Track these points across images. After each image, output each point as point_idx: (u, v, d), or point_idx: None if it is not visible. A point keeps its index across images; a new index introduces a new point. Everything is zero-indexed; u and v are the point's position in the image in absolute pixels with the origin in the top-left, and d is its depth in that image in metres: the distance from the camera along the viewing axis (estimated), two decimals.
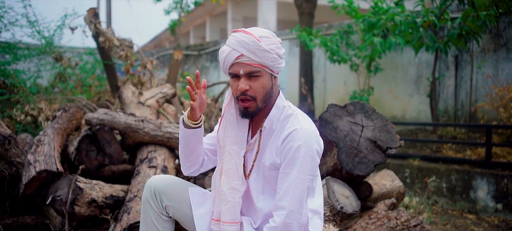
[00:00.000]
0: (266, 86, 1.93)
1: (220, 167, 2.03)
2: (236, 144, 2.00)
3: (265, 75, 1.92)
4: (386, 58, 7.61)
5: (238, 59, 1.88)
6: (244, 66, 1.88)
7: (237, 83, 1.91)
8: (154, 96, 4.11)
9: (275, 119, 1.99)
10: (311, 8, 8.54)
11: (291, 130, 1.90)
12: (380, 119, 2.93)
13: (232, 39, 1.91)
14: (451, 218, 5.43)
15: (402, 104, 7.80)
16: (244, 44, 1.86)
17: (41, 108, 4.76)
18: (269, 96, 1.95)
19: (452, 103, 7.14)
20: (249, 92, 1.90)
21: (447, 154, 6.32)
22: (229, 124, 2.01)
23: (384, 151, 2.83)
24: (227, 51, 1.91)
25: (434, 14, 6.08)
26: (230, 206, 1.95)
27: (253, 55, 1.86)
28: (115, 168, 3.73)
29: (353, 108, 2.94)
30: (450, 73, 7.12)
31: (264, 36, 1.90)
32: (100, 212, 3.01)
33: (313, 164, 1.90)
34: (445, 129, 6.91)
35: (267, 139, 2.00)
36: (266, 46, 1.87)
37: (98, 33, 5.39)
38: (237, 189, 1.97)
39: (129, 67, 5.70)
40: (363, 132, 2.85)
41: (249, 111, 1.94)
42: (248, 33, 1.88)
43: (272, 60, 1.90)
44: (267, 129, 2.00)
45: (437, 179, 5.66)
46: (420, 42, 6.35)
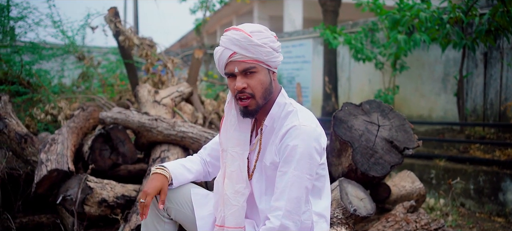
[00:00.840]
0: (264, 82, 1.86)
1: (223, 171, 1.97)
2: (239, 146, 1.94)
3: (261, 70, 1.85)
4: (412, 56, 7.41)
5: (232, 57, 1.83)
6: (238, 64, 1.83)
7: (234, 83, 1.86)
8: (170, 95, 4.08)
9: (276, 116, 1.92)
10: (335, 5, 8.40)
11: (289, 127, 1.83)
12: (398, 118, 2.81)
13: (223, 38, 1.86)
14: (479, 221, 5.23)
15: (428, 103, 7.59)
16: (235, 41, 1.81)
17: (61, 107, 4.79)
18: (268, 93, 1.89)
19: (481, 102, 6.89)
20: (247, 90, 1.84)
21: (475, 154, 6.10)
22: (231, 125, 1.95)
23: (401, 151, 2.71)
24: (220, 51, 1.86)
25: (461, 10, 5.87)
26: (234, 210, 1.88)
27: (246, 52, 1.81)
28: (132, 167, 3.70)
29: (369, 107, 2.83)
30: (479, 71, 6.87)
31: (256, 31, 1.84)
32: (111, 212, 2.98)
33: (311, 162, 1.82)
34: (473, 129, 6.68)
35: (268, 137, 1.93)
36: (258, 41, 1.81)
37: (118, 32, 5.40)
38: (241, 193, 1.91)
39: (150, 66, 5.68)
40: (379, 131, 2.74)
41: (249, 110, 1.87)
42: (239, 30, 1.83)
43: (267, 54, 1.83)
44: (268, 127, 1.93)
45: (462, 181, 5.46)
46: (447, 39, 6.14)
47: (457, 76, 6.69)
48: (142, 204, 1.88)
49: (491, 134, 6.52)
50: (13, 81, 5.26)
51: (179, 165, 2.07)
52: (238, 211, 1.88)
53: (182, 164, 2.08)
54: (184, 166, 2.08)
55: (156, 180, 1.94)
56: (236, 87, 1.84)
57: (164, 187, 1.95)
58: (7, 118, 3.55)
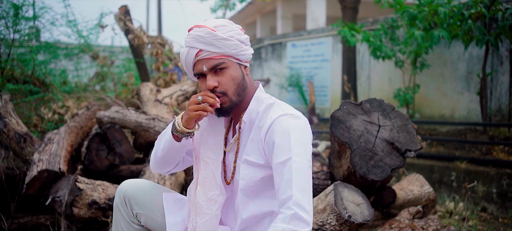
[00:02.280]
0: (236, 77, 1.74)
1: (196, 177, 1.83)
2: (211, 150, 1.80)
3: (231, 66, 1.73)
4: (433, 54, 7.15)
5: (198, 55, 1.71)
6: (206, 61, 1.71)
7: (205, 83, 1.74)
8: (173, 94, 3.98)
9: (254, 111, 1.79)
10: (354, 2, 8.19)
11: (274, 117, 1.70)
12: (400, 118, 2.63)
13: (187, 38, 1.74)
14: (501, 226, 4.97)
15: (450, 102, 7.30)
16: (199, 38, 1.69)
17: (68, 107, 4.76)
18: (242, 88, 1.76)
19: (506, 102, 6.57)
20: (218, 88, 1.72)
21: (498, 156, 5.81)
22: (202, 128, 1.82)
23: (403, 153, 2.54)
24: (186, 52, 1.74)
25: (484, 4, 5.60)
26: (206, 219, 1.75)
27: (212, 47, 1.69)
28: (134, 168, 3.63)
29: (370, 106, 2.66)
30: (504, 69, 6.56)
31: (220, 25, 1.73)
32: (103, 214, 2.89)
33: (307, 148, 1.67)
34: (497, 130, 6.37)
35: (247, 134, 1.79)
36: (223, 35, 1.70)
37: (128, 30, 5.35)
38: (214, 200, 1.77)
39: (160, 65, 5.62)
40: (379, 132, 2.57)
41: (224, 108, 1.74)
42: (202, 26, 1.71)
43: (235, 47, 1.71)
44: (247, 124, 1.80)
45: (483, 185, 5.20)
46: (469, 35, 5.87)
47: (480, 75, 6.40)
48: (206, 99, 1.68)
49: None
50: (26, 81, 5.27)
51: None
52: (210, 220, 1.75)
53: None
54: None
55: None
56: (207, 86, 1.71)
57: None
58: (7, 117, 3.51)
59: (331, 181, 3.07)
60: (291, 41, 10.72)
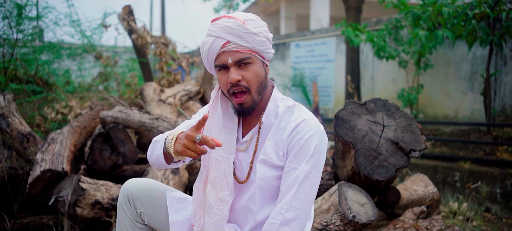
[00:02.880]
0: (260, 75, 1.71)
1: (205, 175, 1.79)
2: (223, 149, 1.75)
3: (256, 62, 1.70)
4: (437, 54, 7.12)
5: (225, 47, 1.65)
6: (232, 54, 1.66)
7: (227, 76, 1.69)
8: (176, 94, 3.97)
9: (273, 112, 1.76)
10: (358, 2, 8.17)
11: (299, 120, 1.69)
12: (404, 118, 2.61)
13: (213, 27, 1.68)
14: (505, 227, 4.94)
15: (454, 102, 7.27)
16: (229, 29, 1.64)
17: (71, 106, 4.76)
18: (263, 87, 1.73)
19: (510, 102, 6.54)
20: (241, 82, 1.67)
21: (502, 156, 5.78)
22: (216, 126, 1.77)
23: (407, 153, 2.52)
24: (210, 42, 1.68)
25: (488, 4, 5.57)
26: (216, 219, 1.71)
27: (241, 40, 1.64)
28: (138, 168, 3.62)
29: (374, 106, 2.64)
30: (508, 69, 6.53)
31: (250, 19, 1.69)
32: (106, 214, 2.89)
33: (322, 159, 1.68)
34: (501, 130, 6.34)
35: (265, 135, 1.77)
36: (253, 29, 1.66)
37: (131, 30, 5.35)
38: (225, 201, 1.73)
39: (163, 65, 5.62)
40: (383, 132, 2.55)
41: (245, 107, 1.71)
42: (232, 17, 1.67)
43: (262, 44, 1.68)
44: (265, 124, 1.77)
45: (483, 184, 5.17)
46: (473, 35, 5.84)
47: (483, 75, 6.37)
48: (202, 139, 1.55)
49: None
50: (29, 81, 5.28)
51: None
52: (220, 220, 1.72)
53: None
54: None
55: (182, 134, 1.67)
56: (230, 79, 1.66)
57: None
58: (10, 117, 3.51)
59: (335, 181, 3.06)
60: (295, 42, 10.71)
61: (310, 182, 1.65)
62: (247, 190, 1.78)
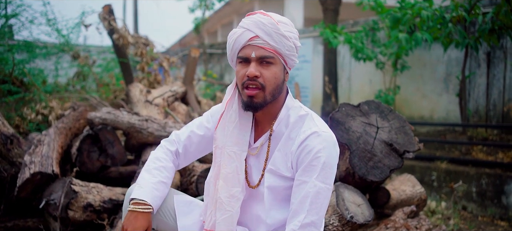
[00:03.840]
0: (278, 78, 1.71)
1: (217, 171, 1.79)
2: (237, 145, 1.77)
3: (278, 64, 1.70)
4: (413, 56, 7.27)
5: (252, 40, 1.66)
6: (257, 49, 1.67)
7: (246, 69, 1.69)
8: (163, 95, 3.95)
9: (285, 120, 1.76)
10: (336, 4, 8.26)
11: (309, 133, 1.69)
12: (397, 120, 2.67)
13: (246, 20, 1.70)
14: (481, 224, 5.10)
15: (430, 104, 7.45)
16: (260, 24, 1.66)
17: (52, 107, 4.66)
18: (279, 91, 1.73)
19: (484, 103, 6.74)
20: (259, 78, 1.67)
21: (477, 156, 5.96)
22: (231, 121, 1.78)
23: (401, 154, 2.58)
24: (239, 33, 1.69)
25: (464, 9, 5.73)
26: (227, 216, 1.72)
27: (269, 38, 1.65)
28: (123, 169, 3.57)
29: (368, 108, 2.69)
30: (482, 71, 6.73)
31: (283, 22, 1.71)
32: (98, 217, 2.85)
33: (333, 172, 1.68)
34: (476, 130, 6.53)
35: (276, 142, 1.77)
36: (284, 32, 1.67)
37: (112, 30, 5.27)
38: (237, 197, 1.74)
39: (145, 66, 5.55)
40: (378, 133, 2.60)
41: (254, 102, 1.69)
42: (266, 15, 1.69)
43: (289, 48, 1.69)
44: (276, 132, 1.77)
45: (464, 184, 5.32)
46: (449, 38, 6.00)
47: (459, 76, 6.55)
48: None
49: (494, 135, 6.37)
50: (4, 80, 5.13)
51: (156, 184, 1.84)
52: (231, 217, 1.72)
53: (159, 181, 1.85)
54: (162, 182, 1.86)
55: (143, 219, 1.74)
56: (248, 73, 1.66)
57: (150, 226, 1.76)
58: None
59: None
60: None
61: (322, 197, 1.65)
62: (259, 196, 1.79)
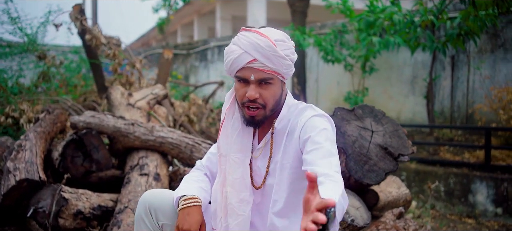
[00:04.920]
0: (276, 95, 1.74)
1: (222, 178, 1.82)
2: (241, 152, 1.80)
3: (276, 82, 1.73)
4: (381, 59, 7.45)
5: (251, 63, 1.67)
6: (255, 72, 1.68)
7: (245, 89, 1.71)
8: (145, 98, 3.87)
9: (286, 118, 1.79)
10: (304, 6, 8.34)
11: (309, 116, 1.71)
12: (391, 124, 2.73)
13: (243, 39, 1.68)
14: (450, 223, 5.28)
15: (397, 105, 7.65)
16: (258, 48, 1.65)
17: (23, 110, 4.48)
18: (277, 104, 1.77)
19: (448, 105, 6.99)
20: (258, 100, 1.70)
21: (445, 156, 6.17)
22: (234, 129, 1.81)
23: (396, 158, 2.63)
24: (237, 54, 1.68)
25: (433, 14, 5.92)
26: (240, 220, 1.76)
27: (268, 61, 1.66)
28: (103, 174, 3.47)
29: (362, 112, 2.74)
30: (446, 74, 6.97)
31: (280, 40, 1.69)
32: (87, 224, 2.76)
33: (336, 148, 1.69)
34: (441, 131, 6.76)
35: (279, 140, 1.79)
36: (282, 52, 1.67)
37: (84, 30, 5.12)
38: (247, 201, 1.78)
39: (117, 67, 5.43)
40: (373, 137, 2.65)
41: (256, 120, 1.74)
42: (264, 36, 1.66)
43: (286, 67, 1.70)
44: (278, 130, 1.80)
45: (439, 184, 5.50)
46: (416, 42, 6.18)
47: (427, 79, 6.76)
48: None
49: (458, 136, 6.62)
50: None
51: (200, 188, 1.88)
52: (244, 221, 1.76)
53: (200, 186, 1.90)
54: (203, 188, 1.91)
55: (195, 213, 1.76)
56: (248, 95, 1.68)
57: (203, 220, 1.79)
58: None
59: None
60: None
61: (337, 156, 1.65)
62: (264, 195, 1.82)
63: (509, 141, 5.87)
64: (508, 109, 5.79)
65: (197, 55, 12.08)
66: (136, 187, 2.84)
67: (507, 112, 5.77)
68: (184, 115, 5.60)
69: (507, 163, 5.64)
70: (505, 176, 5.34)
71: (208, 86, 8.82)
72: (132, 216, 2.56)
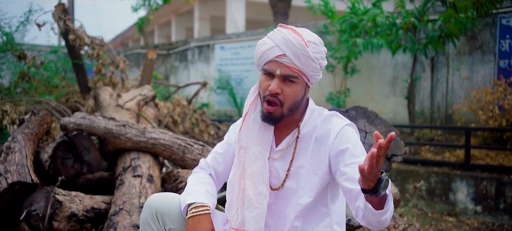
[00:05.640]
0: (298, 95, 1.75)
1: (241, 170, 1.84)
2: (260, 145, 1.82)
3: (301, 83, 1.74)
4: (362, 60, 7.55)
5: (279, 58, 1.70)
6: (282, 67, 1.70)
7: (269, 83, 1.73)
8: (134, 99, 3.84)
9: (311, 122, 1.82)
10: (285, 7, 8.41)
11: (342, 125, 1.76)
12: (384, 125, 2.77)
13: (277, 34, 1.73)
14: (433, 221, 5.39)
15: (378, 106, 7.76)
16: (290, 44, 1.68)
17: (5, 111, 4.39)
18: (296, 106, 1.78)
19: (428, 105, 7.13)
20: (279, 96, 1.72)
21: (426, 156, 6.29)
22: (255, 123, 1.83)
23: (389, 158, 2.68)
24: (269, 46, 1.72)
25: (414, 16, 6.03)
26: (257, 213, 1.76)
27: (296, 59, 1.69)
28: (91, 176, 3.43)
29: (355, 113, 2.78)
30: (426, 75, 7.11)
31: (313, 42, 1.72)
32: (81, 226, 2.73)
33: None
34: (422, 131, 6.89)
35: (305, 145, 1.81)
36: (312, 54, 1.70)
37: (68, 30, 5.05)
38: (264, 195, 1.78)
39: (101, 67, 5.37)
40: (366, 138, 2.69)
41: (272, 116, 1.75)
42: (297, 34, 1.71)
43: (314, 70, 1.73)
44: (303, 134, 1.82)
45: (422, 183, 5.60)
46: (398, 43, 6.29)
47: (407, 80, 6.88)
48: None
49: (438, 136, 6.76)
50: None
51: (208, 193, 1.89)
52: (260, 213, 1.76)
53: (208, 191, 1.90)
54: (210, 193, 1.91)
55: (205, 222, 1.76)
56: (270, 88, 1.70)
57: (213, 228, 1.79)
58: None
59: None
60: (220, 44, 10.72)
61: None
62: (283, 197, 1.82)
63: (487, 140, 6.02)
64: (486, 109, 5.94)
65: (177, 56, 12.02)
66: (130, 188, 2.82)
67: (486, 112, 5.92)
68: (168, 116, 5.58)
69: (486, 162, 5.79)
70: (484, 174, 5.48)
71: (189, 87, 8.79)
72: (128, 218, 2.55)
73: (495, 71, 6.44)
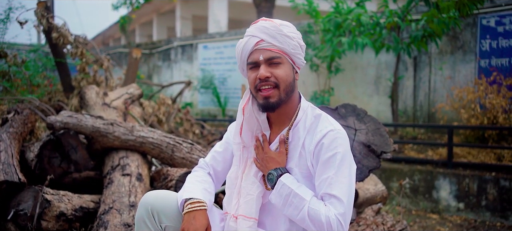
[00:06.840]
0: (289, 75, 1.77)
1: (243, 167, 1.89)
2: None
3: (286, 63, 1.77)
4: (345, 59, 7.60)
5: (258, 45, 1.75)
6: (263, 51, 1.75)
7: (256, 73, 1.75)
8: (120, 98, 3.81)
9: (302, 123, 1.83)
10: (269, 7, 8.42)
11: (325, 131, 1.75)
12: (373, 122, 2.80)
13: (251, 28, 1.80)
14: (416, 218, 5.46)
15: (361, 104, 7.73)
16: (264, 29, 1.75)
17: None
18: (291, 89, 1.79)
19: (411, 104, 7.21)
20: (270, 78, 1.74)
21: (409, 154, 6.37)
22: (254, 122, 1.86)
23: (379, 155, 2.71)
24: (245, 40, 1.78)
25: (398, 16, 6.10)
26: (249, 199, 1.81)
27: (274, 40, 1.74)
28: (77, 175, 3.39)
29: (345, 111, 2.80)
30: (409, 75, 7.19)
31: (285, 24, 1.79)
32: (70, 226, 2.70)
33: (351, 165, 1.76)
34: (405, 130, 6.97)
35: (294, 145, 1.83)
36: (287, 32, 1.75)
37: (51, 28, 4.97)
38: (257, 184, 1.83)
39: (85, 66, 5.31)
40: (356, 135, 2.72)
41: (271, 102, 1.75)
42: (268, 20, 1.79)
43: (294, 47, 1.77)
44: (294, 135, 1.83)
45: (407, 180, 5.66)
46: (381, 43, 6.35)
47: (391, 79, 6.95)
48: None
49: (421, 134, 6.84)
50: None
51: (205, 191, 1.91)
52: (252, 200, 1.80)
53: (205, 188, 1.93)
54: (207, 190, 1.93)
55: (201, 217, 1.78)
56: (259, 75, 1.72)
57: (209, 224, 1.81)
58: None
59: None
60: (203, 43, 10.68)
61: (345, 188, 1.71)
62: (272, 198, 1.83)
63: (469, 138, 6.12)
64: (468, 108, 6.04)
65: (160, 55, 11.94)
66: (120, 187, 2.80)
67: (468, 111, 6.02)
68: (153, 115, 5.54)
69: (468, 160, 5.88)
70: (467, 172, 5.57)
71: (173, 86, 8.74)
72: (118, 217, 2.52)
73: (476, 71, 6.55)
